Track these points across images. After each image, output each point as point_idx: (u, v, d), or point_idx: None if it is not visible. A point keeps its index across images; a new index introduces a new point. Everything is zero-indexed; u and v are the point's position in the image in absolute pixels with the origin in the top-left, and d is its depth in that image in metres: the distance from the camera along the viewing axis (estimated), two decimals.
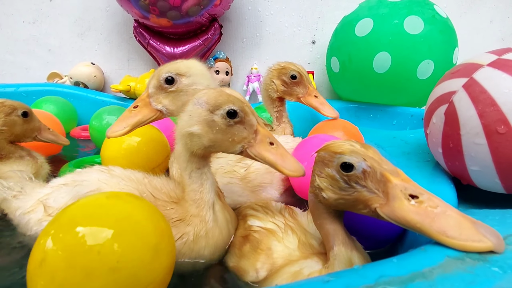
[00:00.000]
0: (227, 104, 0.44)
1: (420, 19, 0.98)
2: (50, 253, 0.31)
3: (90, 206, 0.36)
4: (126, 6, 1.20)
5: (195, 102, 0.46)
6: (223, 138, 0.44)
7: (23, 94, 1.21)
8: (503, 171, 0.49)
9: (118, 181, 0.52)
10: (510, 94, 0.46)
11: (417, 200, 0.33)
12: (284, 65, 0.81)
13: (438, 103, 0.56)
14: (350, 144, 0.39)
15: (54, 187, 0.57)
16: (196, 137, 0.45)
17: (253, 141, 0.46)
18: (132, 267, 0.32)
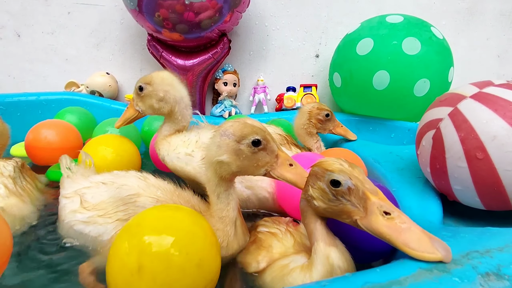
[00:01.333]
0: (252, 135, 0.50)
1: (417, 41, 1.05)
2: (147, 260, 0.38)
3: (168, 217, 0.45)
4: (140, 20, 1.27)
5: (222, 133, 0.52)
6: (249, 164, 0.51)
7: (44, 102, 1.28)
8: (482, 191, 0.56)
9: (155, 190, 0.59)
10: (487, 125, 0.53)
11: (389, 216, 0.40)
12: (318, 107, 1.00)
13: (428, 128, 0.63)
14: (340, 163, 0.45)
15: (93, 183, 0.63)
16: (225, 164, 0.51)
17: (275, 164, 0.52)
18: (208, 262, 0.42)
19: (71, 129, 1.01)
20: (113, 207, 0.57)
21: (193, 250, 0.41)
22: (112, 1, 1.47)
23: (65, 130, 0.98)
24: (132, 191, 0.58)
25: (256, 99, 1.43)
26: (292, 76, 1.50)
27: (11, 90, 1.52)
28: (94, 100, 1.35)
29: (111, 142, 0.83)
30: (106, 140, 0.83)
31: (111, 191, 0.59)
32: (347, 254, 0.47)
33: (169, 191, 0.60)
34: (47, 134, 0.92)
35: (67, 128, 1.01)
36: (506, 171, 0.52)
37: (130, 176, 0.63)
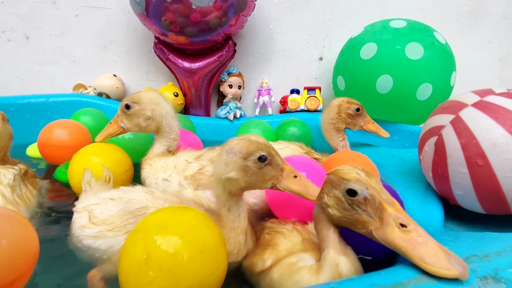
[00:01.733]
0: (258, 151, 0.52)
1: (420, 46, 1.07)
2: (153, 250, 0.40)
3: (170, 214, 0.47)
4: (147, 24, 1.29)
5: (228, 151, 0.54)
6: (257, 179, 0.53)
7: (53, 104, 1.31)
8: (482, 196, 0.58)
9: (162, 203, 0.61)
10: (488, 133, 0.55)
11: (406, 229, 0.40)
12: (348, 100, 0.96)
13: (430, 134, 0.65)
14: (356, 172, 0.46)
15: (101, 199, 0.64)
16: (234, 181, 0.53)
17: (281, 177, 0.54)
18: (212, 249, 0.44)
19: (81, 129, 1.04)
20: (122, 220, 0.59)
21: (196, 237, 0.43)
22: (119, 4, 1.49)
23: (75, 130, 1.01)
24: (141, 204, 0.60)
25: (260, 101, 1.46)
26: (296, 79, 1.52)
27: (20, 91, 1.55)
28: (101, 102, 1.37)
29: (101, 151, 0.82)
30: (96, 149, 0.83)
31: (119, 206, 0.61)
32: (358, 264, 0.47)
33: (176, 203, 0.62)
34: (58, 133, 0.95)
35: (77, 127, 1.03)
36: (506, 178, 0.54)
37: (137, 191, 0.65)
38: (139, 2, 1.18)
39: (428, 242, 0.39)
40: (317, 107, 1.40)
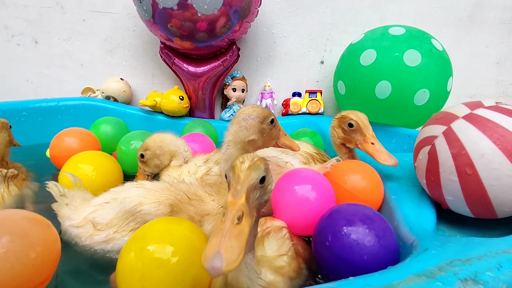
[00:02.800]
0: (270, 116, 0.66)
1: (418, 53, 1.10)
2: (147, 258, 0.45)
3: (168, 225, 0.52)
4: (153, 29, 1.33)
5: (246, 118, 0.65)
6: (268, 138, 0.67)
7: (63, 108, 1.36)
8: (471, 202, 0.62)
9: (153, 193, 0.65)
10: (476, 144, 0.60)
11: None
12: (344, 115, 0.87)
13: (424, 143, 0.70)
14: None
15: (97, 205, 0.67)
16: (254, 142, 0.65)
17: (279, 136, 0.70)
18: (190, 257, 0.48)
19: (90, 136, 1.09)
20: (123, 220, 0.63)
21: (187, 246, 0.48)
22: (125, 9, 1.53)
23: (86, 137, 1.06)
24: (135, 201, 0.64)
25: (263, 104, 1.50)
26: (298, 82, 1.56)
27: (29, 94, 1.59)
28: (109, 105, 1.42)
29: (91, 159, 0.86)
30: (86, 157, 0.87)
31: (116, 207, 0.64)
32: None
33: (166, 189, 0.67)
34: (68, 141, 1.00)
35: (87, 135, 1.08)
36: (492, 186, 0.58)
37: (127, 188, 0.68)
38: (146, 9, 1.22)
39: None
40: (318, 110, 1.44)
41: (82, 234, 0.64)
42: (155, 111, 1.45)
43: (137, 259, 0.46)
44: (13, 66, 1.57)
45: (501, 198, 0.59)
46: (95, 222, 0.64)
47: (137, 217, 0.63)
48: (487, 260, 0.42)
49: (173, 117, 1.44)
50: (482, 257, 0.42)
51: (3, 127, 0.91)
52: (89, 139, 1.07)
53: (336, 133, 0.88)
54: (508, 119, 0.59)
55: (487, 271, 0.40)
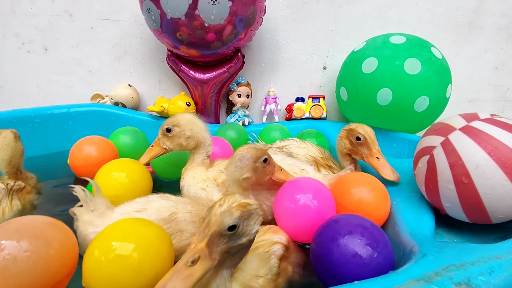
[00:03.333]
0: (263, 155, 0.73)
1: (418, 61, 1.14)
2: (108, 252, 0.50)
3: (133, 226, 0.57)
4: (161, 38, 1.37)
5: (241, 158, 0.70)
6: (262, 174, 0.74)
7: (74, 114, 1.40)
8: (467, 209, 0.67)
9: (184, 206, 0.70)
10: (472, 155, 0.64)
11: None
12: (352, 128, 0.91)
13: (423, 153, 0.74)
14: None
15: (125, 214, 0.69)
16: (248, 179, 0.71)
17: (274, 171, 0.76)
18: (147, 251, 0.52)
19: (107, 144, 1.12)
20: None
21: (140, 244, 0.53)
22: (133, 17, 1.57)
23: (103, 144, 1.10)
24: (172, 209, 0.69)
25: (267, 109, 1.54)
26: (301, 87, 1.60)
27: (39, 100, 1.64)
28: (118, 111, 1.46)
29: (124, 167, 0.89)
30: (119, 165, 0.90)
31: (150, 216, 0.67)
32: None
33: (189, 203, 0.72)
34: (87, 150, 1.04)
35: (104, 143, 1.12)
36: (487, 194, 0.63)
37: (155, 199, 0.72)
38: (154, 19, 1.26)
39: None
40: (321, 115, 1.49)
41: None
42: (163, 117, 1.49)
43: (100, 254, 0.51)
44: (23, 73, 1.61)
45: (495, 206, 0.63)
46: None
47: (171, 225, 0.67)
48: (480, 265, 0.46)
49: None
50: (475, 263, 0.47)
51: (16, 137, 0.93)
52: (107, 147, 1.10)
53: (343, 143, 0.92)
54: (502, 132, 0.63)
55: (479, 276, 0.44)
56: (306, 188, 0.72)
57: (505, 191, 0.61)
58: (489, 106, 1.60)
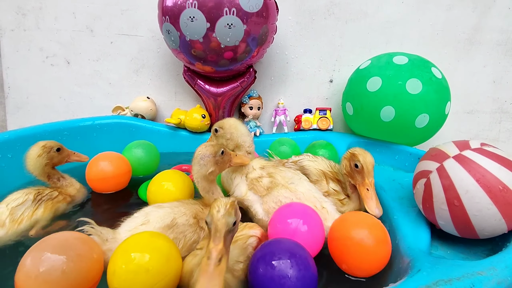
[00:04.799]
0: (220, 149, 0.85)
1: (419, 81, 1.23)
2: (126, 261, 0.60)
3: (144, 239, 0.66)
4: (177, 55, 1.47)
5: (202, 156, 0.83)
6: (222, 165, 0.87)
7: (98, 126, 1.50)
8: (458, 226, 0.77)
9: (178, 209, 0.82)
10: (463, 181, 0.73)
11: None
12: (355, 153, 0.93)
13: (421, 175, 0.84)
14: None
15: (131, 230, 0.75)
16: (213, 172, 0.84)
17: (231, 159, 0.90)
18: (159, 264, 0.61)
19: (121, 159, 1.18)
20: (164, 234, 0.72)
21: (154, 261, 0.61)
22: (150, 32, 1.66)
23: (116, 159, 1.16)
24: (172, 215, 0.79)
25: (277, 120, 1.64)
26: (309, 99, 1.70)
27: (62, 111, 1.75)
28: (138, 123, 1.57)
29: (171, 177, 1.02)
30: (167, 175, 1.03)
31: (156, 224, 0.76)
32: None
33: (180, 205, 0.83)
34: (102, 166, 1.12)
35: (118, 158, 1.18)
36: (474, 215, 0.73)
37: (153, 210, 0.81)
38: (174, 40, 1.36)
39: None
40: (328, 126, 1.58)
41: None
42: (179, 128, 1.59)
43: (121, 264, 0.59)
44: (47, 85, 1.72)
45: (482, 225, 0.73)
46: None
47: (174, 229, 0.78)
48: (464, 280, 0.57)
49: (195, 133, 1.59)
50: (461, 278, 0.57)
51: (43, 151, 1.01)
52: (121, 162, 1.16)
53: (344, 164, 0.97)
54: (489, 161, 0.73)
55: None
56: (297, 213, 0.77)
57: (490, 213, 0.71)
58: (487, 118, 1.69)
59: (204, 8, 1.26)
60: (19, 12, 1.64)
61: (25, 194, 0.94)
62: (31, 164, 1.00)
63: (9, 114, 1.76)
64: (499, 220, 0.71)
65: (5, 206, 0.88)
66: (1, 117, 1.78)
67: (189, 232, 0.79)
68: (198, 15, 1.26)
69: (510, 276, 0.60)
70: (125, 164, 1.18)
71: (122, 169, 1.16)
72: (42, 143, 1.03)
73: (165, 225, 0.77)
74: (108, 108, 1.69)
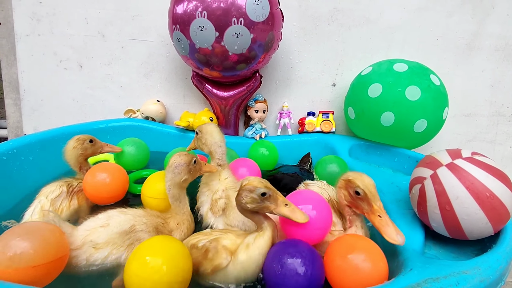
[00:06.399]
0: (193, 158, 0.91)
1: (418, 89, 1.29)
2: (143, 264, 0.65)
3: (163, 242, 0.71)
4: (187, 61, 1.53)
5: (177, 166, 0.88)
6: (194, 173, 0.92)
7: (111, 129, 1.58)
8: (449, 228, 0.84)
9: (140, 218, 0.84)
10: (454, 188, 0.80)
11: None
12: (351, 179, 0.80)
13: (416, 181, 0.91)
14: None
15: (90, 229, 0.79)
16: (186, 180, 0.90)
17: (201, 167, 0.95)
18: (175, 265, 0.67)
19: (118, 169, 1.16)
20: (120, 238, 0.79)
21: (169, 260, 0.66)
22: (159, 38, 1.72)
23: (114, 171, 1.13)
24: (131, 222, 0.82)
25: (281, 122, 1.70)
26: (312, 102, 1.76)
27: (76, 113, 1.82)
28: (149, 125, 1.64)
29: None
30: (160, 176, 1.05)
31: (114, 229, 0.80)
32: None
33: (144, 215, 0.86)
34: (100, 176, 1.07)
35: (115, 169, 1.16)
36: (464, 219, 0.80)
37: (116, 214, 0.84)
38: (184, 47, 1.42)
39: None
40: (331, 129, 1.65)
41: (80, 254, 0.76)
42: (188, 130, 1.66)
43: (138, 266, 0.65)
44: (61, 88, 1.79)
45: (470, 228, 0.80)
46: (94, 242, 0.77)
47: (131, 236, 0.80)
48: (450, 279, 0.64)
49: None
50: (447, 276, 0.65)
51: (78, 143, 1.13)
52: (117, 173, 1.13)
53: (342, 194, 0.83)
54: (478, 170, 0.80)
55: (448, 287, 0.62)
56: (307, 200, 0.81)
57: (477, 218, 0.78)
58: (485, 121, 1.75)
59: (213, 18, 1.32)
60: (33, 18, 1.71)
61: (58, 187, 1.00)
62: (68, 155, 1.11)
63: (25, 116, 1.83)
64: (486, 223, 0.78)
65: (45, 198, 0.95)
66: (17, 119, 1.86)
67: (145, 239, 0.79)
68: (208, 24, 1.32)
69: (492, 275, 0.67)
70: (122, 175, 1.14)
71: (119, 179, 1.12)
72: (76, 136, 1.15)
73: (122, 230, 0.80)
74: (119, 110, 1.76)
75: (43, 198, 0.95)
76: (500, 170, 0.81)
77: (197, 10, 1.32)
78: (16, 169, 1.21)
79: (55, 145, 1.37)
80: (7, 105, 1.83)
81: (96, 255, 0.77)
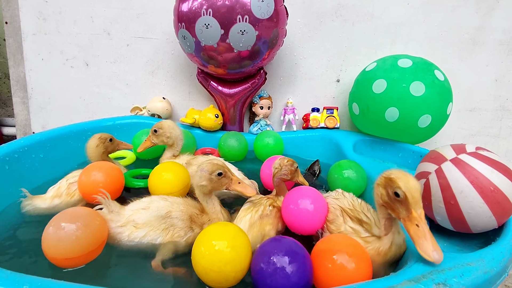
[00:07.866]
0: (218, 169, 0.88)
1: (422, 84, 1.30)
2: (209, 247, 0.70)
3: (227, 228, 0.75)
4: (192, 58, 1.55)
5: (201, 170, 0.89)
6: (217, 185, 0.89)
7: (118, 126, 1.60)
8: (453, 222, 0.86)
9: (177, 205, 0.90)
10: (458, 183, 0.82)
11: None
12: (393, 178, 0.70)
13: (421, 176, 0.93)
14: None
15: (134, 210, 0.88)
16: (204, 186, 0.89)
17: (230, 183, 0.91)
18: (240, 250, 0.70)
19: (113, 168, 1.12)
20: (158, 221, 0.86)
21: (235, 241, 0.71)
22: (164, 35, 1.74)
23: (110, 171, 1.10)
24: (168, 208, 0.89)
25: (286, 118, 1.72)
26: (316, 98, 1.77)
27: (82, 110, 1.85)
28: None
29: (170, 168, 1.08)
30: (166, 166, 1.10)
31: (152, 212, 0.87)
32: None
33: (181, 203, 0.92)
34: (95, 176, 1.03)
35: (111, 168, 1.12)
36: (468, 213, 0.81)
37: (157, 199, 0.92)
38: (189, 45, 1.44)
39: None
40: (335, 125, 1.66)
41: (124, 231, 0.85)
42: (194, 126, 1.68)
43: (205, 250, 0.70)
44: (68, 86, 1.82)
45: (474, 222, 0.82)
46: (135, 222, 0.86)
47: (166, 221, 0.88)
48: (454, 270, 0.66)
49: (209, 131, 1.68)
50: (452, 268, 0.66)
51: (100, 142, 1.20)
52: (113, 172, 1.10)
53: (379, 192, 0.74)
54: (482, 165, 0.81)
55: (453, 278, 0.64)
56: (306, 195, 0.91)
57: (482, 211, 0.80)
58: (489, 115, 1.75)
59: (218, 15, 1.33)
60: (40, 17, 1.73)
61: (78, 174, 1.08)
62: (91, 152, 1.18)
63: (33, 114, 1.86)
64: (490, 217, 0.80)
65: (65, 181, 1.06)
66: (25, 117, 1.89)
67: (178, 226, 0.87)
68: (213, 22, 1.33)
69: (496, 266, 0.69)
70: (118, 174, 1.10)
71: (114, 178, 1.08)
72: (98, 135, 1.22)
73: (159, 215, 0.87)
74: (125, 107, 1.78)
75: (63, 181, 1.06)
76: (504, 165, 0.83)
77: (202, 8, 1.33)
78: (28, 166, 1.23)
79: (65, 143, 1.41)
80: (15, 104, 1.86)
81: (136, 233, 0.84)
